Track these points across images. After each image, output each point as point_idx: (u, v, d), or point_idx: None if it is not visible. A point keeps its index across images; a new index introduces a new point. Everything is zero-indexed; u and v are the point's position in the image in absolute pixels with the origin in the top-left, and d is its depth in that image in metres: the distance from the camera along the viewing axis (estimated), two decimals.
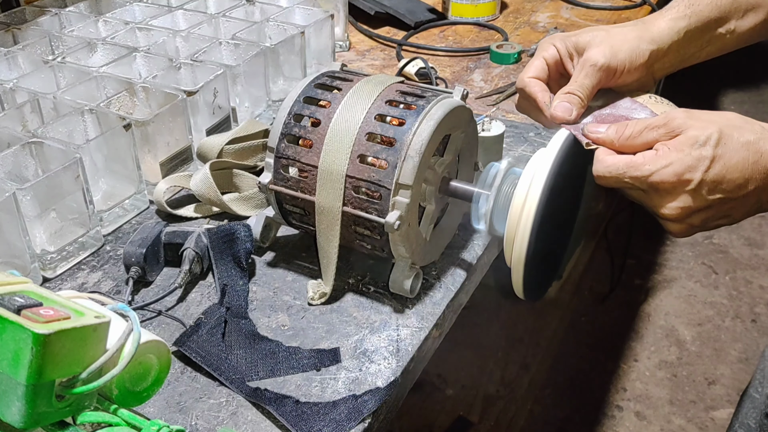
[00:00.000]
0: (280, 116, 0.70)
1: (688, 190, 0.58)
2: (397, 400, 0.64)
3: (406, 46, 1.25)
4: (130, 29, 1.03)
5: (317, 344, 0.67)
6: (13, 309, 0.41)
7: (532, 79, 0.71)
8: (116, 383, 0.46)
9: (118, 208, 0.82)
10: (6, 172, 0.75)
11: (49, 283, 0.75)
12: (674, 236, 0.64)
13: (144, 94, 0.88)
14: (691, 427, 1.77)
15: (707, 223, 0.61)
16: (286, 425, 0.58)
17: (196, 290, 0.73)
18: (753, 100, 3.12)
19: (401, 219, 0.64)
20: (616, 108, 0.69)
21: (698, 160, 0.57)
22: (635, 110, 0.68)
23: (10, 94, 0.88)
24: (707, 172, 0.57)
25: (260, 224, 0.76)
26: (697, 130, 0.58)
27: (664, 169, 0.58)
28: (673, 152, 0.58)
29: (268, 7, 1.12)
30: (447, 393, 1.74)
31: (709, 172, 0.57)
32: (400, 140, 0.65)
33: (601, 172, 0.61)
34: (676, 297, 2.16)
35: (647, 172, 0.58)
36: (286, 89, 1.04)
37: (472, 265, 0.76)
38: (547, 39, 0.73)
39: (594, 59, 0.68)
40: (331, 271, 0.70)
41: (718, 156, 0.57)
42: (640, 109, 0.68)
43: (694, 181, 0.57)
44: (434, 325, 0.69)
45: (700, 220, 0.60)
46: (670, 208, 0.59)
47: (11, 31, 1.03)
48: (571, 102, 0.67)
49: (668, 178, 0.58)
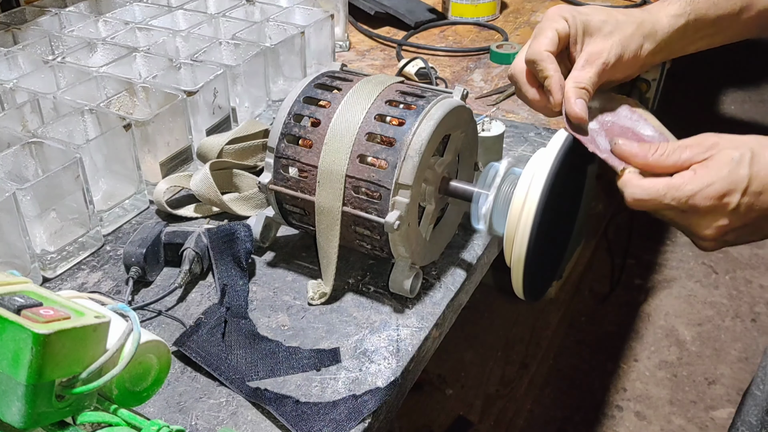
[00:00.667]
0: (280, 116, 0.70)
1: (728, 210, 0.57)
2: (397, 400, 0.64)
3: (406, 46, 1.25)
4: (130, 29, 1.03)
5: (317, 344, 0.67)
6: (13, 309, 0.41)
7: (548, 53, 0.65)
8: (116, 383, 0.46)
9: (118, 208, 0.82)
10: (6, 172, 0.75)
11: (49, 283, 0.75)
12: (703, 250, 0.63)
13: (144, 94, 0.88)
14: (691, 427, 1.77)
15: (739, 239, 0.60)
16: (286, 425, 0.58)
17: (196, 290, 0.73)
18: (753, 99, 3.12)
19: (401, 219, 0.64)
20: (617, 117, 0.67)
21: (737, 180, 0.57)
22: (638, 123, 0.66)
23: (10, 94, 0.88)
24: (745, 193, 0.57)
25: (260, 224, 0.76)
26: (731, 150, 0.57)
27: (707, 188, 0.57)
28: (712, 171, 0.57)
29: (268, 7, 1.12)
30: (447, 393, 1.74)
31: (748, 191, 0.57)
32: (399, 140, 0.65)
33: (640, 196, 0.59)
34: (676, 297, 2.16)
35: (689, 192, 0.57)
36: (286, 89, 1.04)
37: (472, 265, 0.76)
38: (555, 10, 0.68)
39: (606, 58, 0.66)
40: (331, 271, 0.70)
41: (754, 175, 0.57)
42: (642, 123, 0.66)
43: (734, 202, 0.57)
44: (434, 325, 0.69)
45: (735, 236, 0.60)
46: (710, 228, 0.58)
47: (11, 31, 1.03)
48: (585, 99, 0.65)
49: (710, 199, 0.57)
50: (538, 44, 0.66)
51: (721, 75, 3.21)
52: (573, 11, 0.67)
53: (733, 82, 3.19)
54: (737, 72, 3.21)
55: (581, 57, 0.67)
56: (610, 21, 0.67)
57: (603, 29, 0.67)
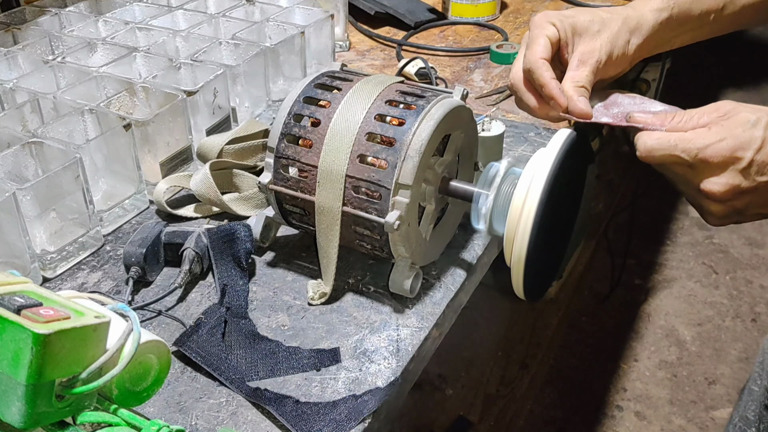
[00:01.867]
0: (280, 116, 0.70)
1: (739, 167, 0.58)
2: (397, 400, 0.64)
3: (406, 46, 1.25)
4: (130, 29, 1.03)
5: (317, 344, 0.67)
6: (13, 309, 0.41)
7: (543, 60, 0.67)
8: (116, 383, 0.46)
9: (118, 208, 0.82)
10: (6, 172, 0.75)
11: (49, 283, 0.75)
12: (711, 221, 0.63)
13: (144, 94, 0.88)
14: (691, 427, 1.77)
15: (748, 209, 0.60)
16: (286, 425, 0.58)
17: (196, 290, 0.73)
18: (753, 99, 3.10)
19: (401, 219, 0.64)
20: (622, 107, 0.68)
21: (751, 139, 0.57)
22: (644, 104, 0.67)
23: (10, 94, 0.88)
24: (759, 152, 0.57)
25: (260, 224, 0.76)
26: (748, 113, 0.58)
27: (718, 143, 0.58)
28: (726, 129, 0.58)
29: (268, 7, 1.12)
30: (447, 393, 1.74)
31: (761, 152, 0.57)
32: (400, 140, 0.65)
33: (651, 145, 0.60)
34: (676, 297, 2.16)
35: (700, 145, 0.58)
36: (286, 89, 1.04)
37: (472, 265, 0.76)
38: (541, 17, 0.70)
39: (598, 56, 0.67)
40: (331, 271, 0.70)
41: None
42: (648, 103, 0.67)
43: (746, 159, 0.57)
44: (434, 325, 0.69)
45: (744, 203, 0.60)
46: (718, 184, 0.59)
47: (11, 31, 1.03)
48: (586, 96, 0.66)
49: (721, 152, 0.57)
50: (532, 53, 0.67)
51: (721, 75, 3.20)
52: (559, 15, 0.69)
53: (733, 82, 3.19)
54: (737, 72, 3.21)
55: (574, 57, 0.68)
56: (596, 20, 0.68)
57: (590, 29, 0.68)
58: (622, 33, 0.68)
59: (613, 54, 0.68)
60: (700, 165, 0.59)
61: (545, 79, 0.67)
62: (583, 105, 0.65)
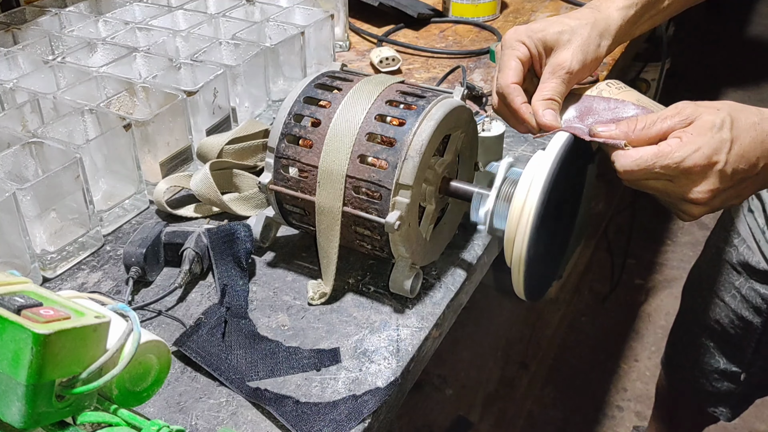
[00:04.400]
0: (280, 116, 0.70)
1: (716, 171, 0.60)
2: (397, 400, 0.64)
3: (406, 46, 1.25)
4: (130, 29, 1.03)
5: (317, 344, 0.67)
6: (13, 309, 0.41)
7: (515, 85, 0.70)
8: (116, 383, 0.46)
9: (118, 208, 0.82)
10: (6, 172, 0.75)
11: (49, 283, 0.75)
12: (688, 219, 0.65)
13: (144, 94, 0.88)
14: None
15: (725, 202, 0.63)
16: (286, 425, 0.58)
17: (196, 290, 0.73)
18: (753, 99, 3.12)
19: (401, 219, 0.64)
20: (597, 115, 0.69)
21: (721, 143, 0.59)
22: (618, 109, 0.68)
23: (10, 94, 0.88)
24: (729, 153, 0.60)
25: (260, 224, 0.76)
26: (711, 116, 0.60)
27: (695, 153, 0.59)
28: (697, 137, 0.60)
29: (268, 7, 1.12)
30: (447, 393, 1.74)
31: (731, 152, 0.60)
32: (400, 140, 0.65)
33: (629, 167, 0.61)
34: (676, 297, 2.15)
35: (678, 158, 0.60)
36: (286, 89, 1.04)
37: (472, 265, 0.76)
38: (511, 35, 0.72)
39: (569, 66, 0.69)
40: (331, 271, 0.70)
41: (735, 137, 0.60)
42: (621, 107, 0.68)
43: (721, 162, 0.59)
44: (434, 325, 0.69)
45: (721, 200, 0.62)
46: (701, 192, 0.61)
47: (11, 31, 1.03)
48: (554, 108, 0.68)
49: (700, 161, 0.59)
50: (503, 78, 0.71)
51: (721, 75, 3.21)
52: (528, 32, 0.71)
53: (733, 82, 3.19)
54: (737, 72, 3.21)
55: (546, 71, 0.71)
56: (566, 30, 0.71)
57: (560, 40, 0.70)
58: (592, 38, 0.71)
59: (587, 59, 0.70)
60: (681, 177, 0.61)
61: (516, 104, 0.70)
62: (550, 118, 0.68)
